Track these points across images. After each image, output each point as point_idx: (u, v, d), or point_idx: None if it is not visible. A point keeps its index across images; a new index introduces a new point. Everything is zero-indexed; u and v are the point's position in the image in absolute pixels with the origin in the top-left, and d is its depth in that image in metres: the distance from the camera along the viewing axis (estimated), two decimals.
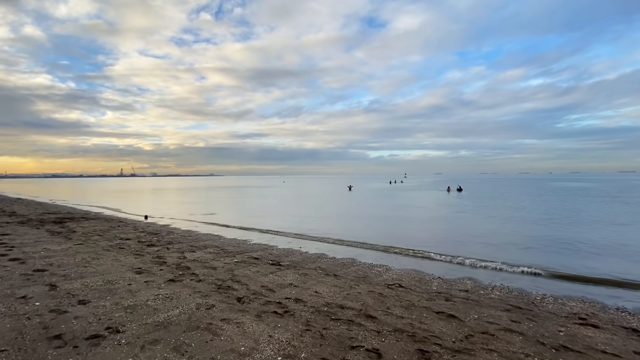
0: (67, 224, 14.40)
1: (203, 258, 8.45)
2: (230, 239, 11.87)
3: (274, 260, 8.58)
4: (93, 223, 15.01)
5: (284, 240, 12.18)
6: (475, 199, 32.02)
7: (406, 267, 8.33)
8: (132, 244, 10.03)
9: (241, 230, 14.50)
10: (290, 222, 16.94)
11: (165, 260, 8.03)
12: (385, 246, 10.90)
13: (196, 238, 11.80)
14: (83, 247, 9.29)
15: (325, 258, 9.15)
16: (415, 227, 15.38)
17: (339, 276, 7.11)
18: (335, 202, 31.61)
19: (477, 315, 5.10)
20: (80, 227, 13.34)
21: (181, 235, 12.27)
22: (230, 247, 10.22)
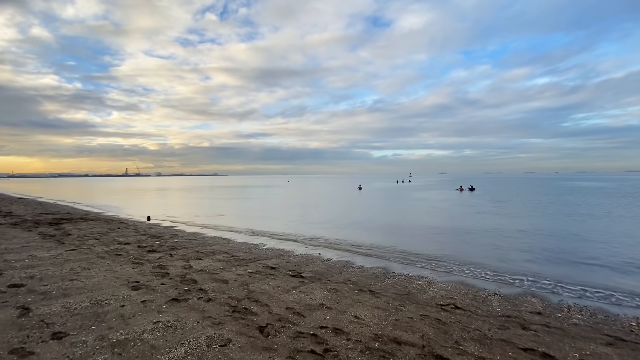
0: (63, 225, 13.33)
1: (211, 267, 7.27)
2: (240, 244, 10.68)
3: (293, 270, 7.37)
4: (91, 224, 13.92)
5: (299, 245, 10.97)
6: (491, 199, 30.59)
7: (450, 280, 7.07)
8: (131, 250, 8.88)
9: (251, 233, 13.32)
10: (304, 225, 15.74)
11: (168, 270, 6.86)
12: (414, 253, 9.66)
13: (203, 242, 10.63)
14: (75, 253, 8.15)
15: (351, 267, 7.91)
16: (441, 231, 14.09)
17: (376, 293, 5.88)
18: (347, 202, 30.36)
19: (577, 352, 3.85)
20: (76, 230, 12.24)
21: (186, 239, 11.11)
22: (242, 254, 9.03)
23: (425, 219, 17.78)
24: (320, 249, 10.24)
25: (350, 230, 13.83)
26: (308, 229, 14.24)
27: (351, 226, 15.32)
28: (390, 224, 16.00)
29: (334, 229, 14.33)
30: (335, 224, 15.86)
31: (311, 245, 10.86)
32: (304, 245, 10.83)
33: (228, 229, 14.28)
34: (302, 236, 12.44)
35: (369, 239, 11.77)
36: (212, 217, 18.68)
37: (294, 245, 10.82)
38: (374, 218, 18.38)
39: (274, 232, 13.28)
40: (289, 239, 11.99)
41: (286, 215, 19.54)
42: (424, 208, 23.67)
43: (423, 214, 19.92)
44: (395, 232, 13.82)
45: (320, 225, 15.27)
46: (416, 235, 12.76)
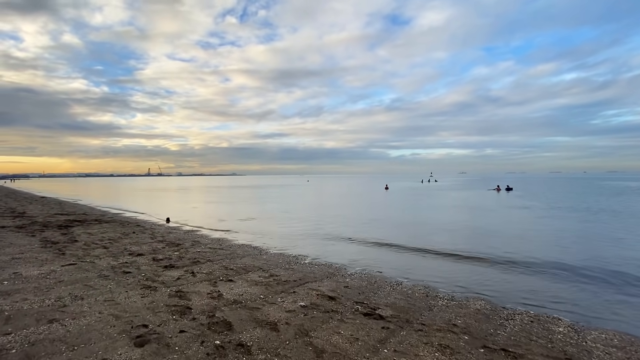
0: (73, 229, 11.78)
1: (248, 296, 5.24)
2: (275, 255, 8.65)
3: (361, 302, 5.23)
4: (104, 228, 12.32)
5: (347, 254, 8.85)
6: (537, 200, 27.38)
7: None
8: (143, 265, 7.01)
9: (285, 240, 11.31)
10: (344, 227, 13.58)
11: (190, 301, 4.87)
12: (525, 264, 7.31)
13: (230, 253, 8.67)
14: (72, 270, 6.34)
15: (439, 298, 5.66)
16: (532, 237, 11.57)
17: (516, 355, 3.63)
18: (382, 202, 27.97)
19: None
20: (85, 234, 10.62)
21: (210, 248, 9.20)
22: (282, 271, 6.97)
23: (492, 222, 15.22)
24: (376, 257, 8.04)
25: (401, 234, 11.55)
26: (350, 231, 12.06)
27: (401, 228, 13.01)
28: (451, 226, 13.56)
29: (381, 231, 12.09)
30: (381, 227, 13.61)
31: (363, 254, 8.68)
32: (352, 255, 8.67)
33: (257, 234, 12.33)
34: (347, 239, 10.29)
35: (434, 243, 9.48)
36: (236, 219, 16.84)
37: (340, 255, 8.67)
38: (425, 219, 15.99)
39: (313, 238, 11.19)
40: (332, 243, 9.86)
41: (319, 217, 17.44)
42: (477, 209, 20.98)
43: (483, 216, 17.29)
44: (465, 235, 11.35)
45: (364, 228, 13.05)
46: (508, 243, 10.26)
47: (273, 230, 13.12)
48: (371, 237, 11.16)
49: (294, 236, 11.80)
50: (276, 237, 11.75)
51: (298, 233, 12.47)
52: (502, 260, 8.11)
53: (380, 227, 13.93)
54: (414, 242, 10.38)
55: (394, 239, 10.92)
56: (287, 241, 10.91)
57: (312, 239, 11.25)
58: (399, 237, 11.34)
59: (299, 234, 12.33)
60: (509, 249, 9.37)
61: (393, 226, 14.17)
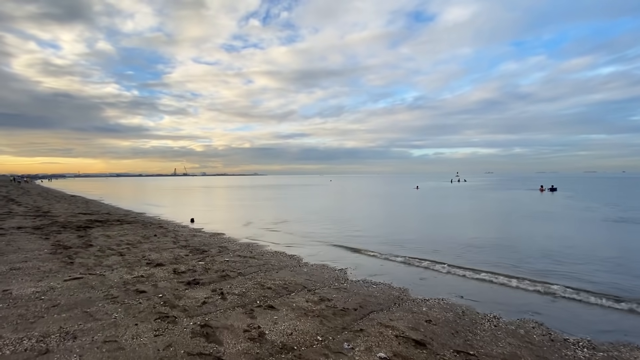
0: (92, 230, 10.81)
1: (300, 337, 3.71)
2: (318, 268, 7.12)
3: (465, 350, 3.56)
4: (125, 229, 11.29)
5: (404, 270, 7.19)
6: (592, 200, 24.35)
7: None
8: (161, 280, 5.68)
9: (323, 246, 9.78)
10: (386, 234, 11.88)
11: (221, 346, 3.41)
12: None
13: (264, 264, 7.23)
14: (75, 287, 5.08)
15: (573, 342, 3.90)
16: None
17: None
18: (418, 204, 25.90)
19: None
20: (103, 237, 9.55)
21: (240, 256, 7.81)
22: (333, 292, 5.42)
23: (574, 234, 13.03)
24: (452, 287, 6.30)
25: (462, 247, 9.70)
26: (396, 240, 10.35)
27: (457, 240, 11.14)
28: (526, 241, 11.51)
29: (435, 242, 10.28)
30: (431, 235, 11.79)
31: (427, 275, 6.98)
32: (415, 274, 6.98)
33: (289, 239, 10.87)
34: (394, 252, 8.60)
35: (519, 265, 7.61)
36: (264, 221, 15.51)
37: (397, 271, 7.02)
38: (482, 228, 13.98)
39: (356, 246, 9.58)
40: (385, 259, 8.20)
41: (354, 220, 15.80)
42: (538, 215, 18.62)
43: (556, 225, 15.03)
44: (558, 254, 9.29)
45: (412, 237, 11.28)
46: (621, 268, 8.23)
47: (307, 235, 11.62)
48: (425, 249, 9.35)
49: (331, 243, 10.24)
50: (312, 243, 10.24)
51: (336, 239, 10.90)
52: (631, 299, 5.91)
53: (432, 237, 12.00)
54: (485, 260, 8.53)
55: (454, 254, 9.08)
56: (325, 250, 9.36)
57: (355, 248, 9.64)
58: (459, 252, 9.52)
59: (337, 240, 10.76)
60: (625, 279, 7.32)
61: (448, 237, 12.11)
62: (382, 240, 10.61)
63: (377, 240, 10.59)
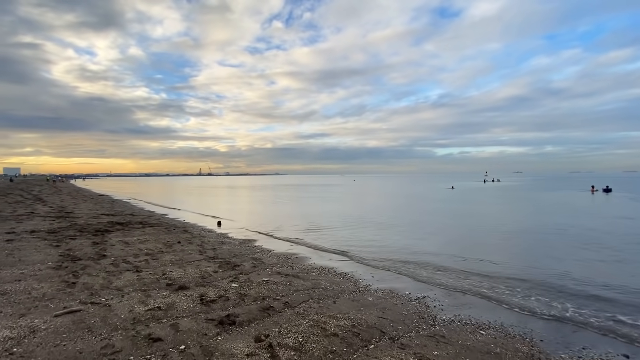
0: (110, 235, 9.60)
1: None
2: (385, 295, 5.36)
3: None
4: (147, 234, 10.04)
5: (520, 317, 5.32)
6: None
7: None
8: (184, 315, 4.14)
9: (378, 259, 8.02)
10: (468, 252, 9.89)
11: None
12: None
13: (313, 286, 5.57)
14: (66, 328, 3.61)
15: None
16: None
17: None
18: (478, 210, 23.48)
19: None
20: (121, 245, 8.26)
21: (280, 274, 6.20)
22: (432, 346, 3.66)
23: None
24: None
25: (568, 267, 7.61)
26: (480, 257, 8.37)
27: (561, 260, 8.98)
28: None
29: (530, 257, 8.24)
30: (537, 255, 9.70)
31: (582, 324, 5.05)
32: (548, 323, 5.07)
33: (332, 248, 9.18)
34: (474, 268, 6.68)
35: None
36: (297, 225, 13.93)
37: (513, 317, 5.15)
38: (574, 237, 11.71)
39: (418, 261, 7.73)
40: (457, 276, 6.33)
41: (399, 224, 13.89)
42: (605, 219, 16.00)
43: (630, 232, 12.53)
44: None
45: (506, 257, 9.23)
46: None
47: (350, 243, 9.89)
48: (537, 278, 7.27)
49: (388, 257, 8.43)
50: (361, 254, 8.49)
51: (390, 251, 9.10)
52: None
53: (534, 260, 9.72)
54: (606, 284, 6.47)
55: (592, 297, 7.01)
56: (382, 264, 7.58)
57: (416, 259, 7.80)
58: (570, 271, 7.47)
59: (391, 252, 8.95)
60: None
61: (557, 261, 9.77)
62: (454, 255, 8.66)
63: (447, 256, 8.65)
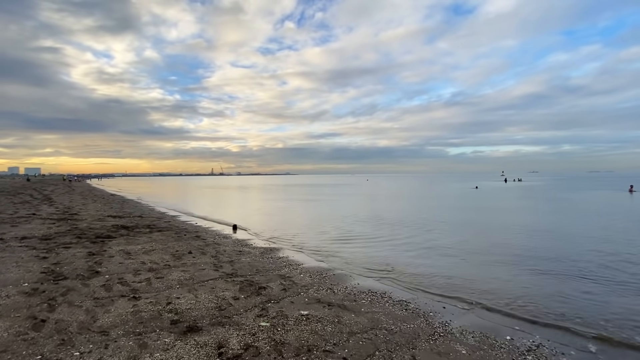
0: (111, 242, 8.26)
1: None
2: (481, 343, 3.75)
3: None
4: (154, 241, 8.67)
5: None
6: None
7: None
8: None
9: (445, 283, 6.40)
10: (563, 271, 8.18)
11: None
12: None
13: (371, 326, 4.01)
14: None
15: None
16: None
17: None
18: (518, 211, 21.59)
19: None
20: (121, 256, 6.88)
21: (321, 303, 4.66)
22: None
23: None
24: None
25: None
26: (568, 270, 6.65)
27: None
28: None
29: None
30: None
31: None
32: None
33: (376, 264, 7.58)
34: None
35: None
36: (324, 232, 12.37)
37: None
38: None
39: (502, 282, 6.05)
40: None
41: (452, 232, 12.17)
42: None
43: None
44: None
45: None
46: None
47: (395, 257, 8.26)
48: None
49: (447, 274, 6.76)
50: (413, 272, 6.84)
51: (447, 264, 7.44)
52: None
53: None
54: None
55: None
56: (447, 287, 5.93)
57: (488, 279, 6.13)
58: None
59: (450, 267, 7.29)
60: None
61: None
62: (541, 275, 6.93)
63: (535, 276, 6.93)
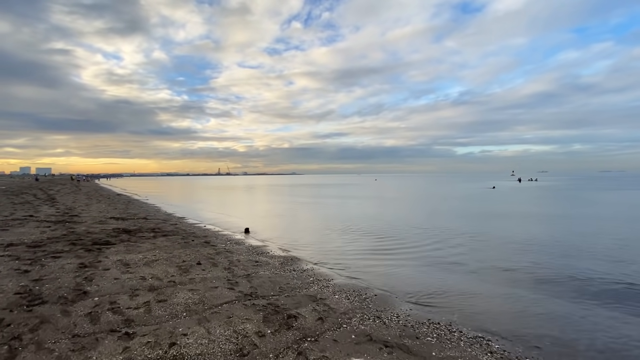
0: (109, 250, 7.20)
1: None
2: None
3: None
4: (158, 247, 7.60)
5: None
6: None
7: None
8: None
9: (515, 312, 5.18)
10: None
11: None
12: None
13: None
14: None
15: None
16: None
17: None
18: (561, 213, 20.20)
19: None
20: (117, 268, 5.80)
21: (376, 340, 3.49)
22: None
23: None
24: None
25: None
26: None
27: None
28: None
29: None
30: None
31: None
32: None
33: (420, 283, 6.39)
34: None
35: None
36: (346, 237, 11.19)
37: None
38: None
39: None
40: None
41: (516, 244, 10.91)
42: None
43: None
44: None
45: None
46: None
47: (452, 278, 7.07)
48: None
49: (524, 307, 5.55)
50: (472, 297, 5.63)
51: (522, 293, 6.21)
52: None
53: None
54: None
55: None
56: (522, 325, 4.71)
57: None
58: None
59: (532, 300, 6.07)
60: None
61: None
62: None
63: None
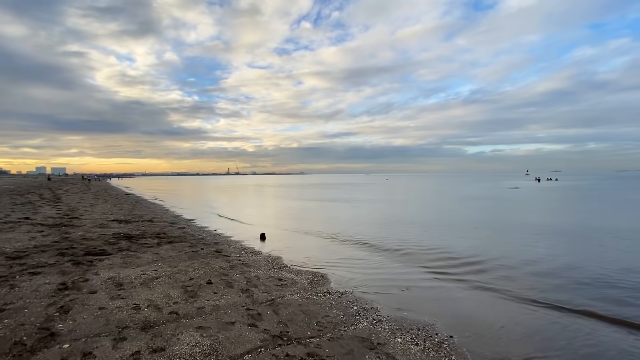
0: (102, 263, 5.98)
1: None
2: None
3: None
4: (162, 257, 6.36)
5: None
6: None
7: None
8: None
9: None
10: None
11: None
12: None
13: None
14: None
15: None
16: None
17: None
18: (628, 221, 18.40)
19: None
20: (106, 291, 4.56)
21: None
22: None
23: None
24: None
25: None
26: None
27: None
28: None
29: None
30: None
31: None
32: None
33: (521, 322, 4.98)
34: None
35: None
36: (375, 245, 9.78)
37: None
38: None
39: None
40: None
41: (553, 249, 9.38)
42: None
43: None
44: None
45: None
46: None
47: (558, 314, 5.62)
48: None
49: None
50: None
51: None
52: None
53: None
54: None
55: None
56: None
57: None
58: None
59: None
60: None
61: None
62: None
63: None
